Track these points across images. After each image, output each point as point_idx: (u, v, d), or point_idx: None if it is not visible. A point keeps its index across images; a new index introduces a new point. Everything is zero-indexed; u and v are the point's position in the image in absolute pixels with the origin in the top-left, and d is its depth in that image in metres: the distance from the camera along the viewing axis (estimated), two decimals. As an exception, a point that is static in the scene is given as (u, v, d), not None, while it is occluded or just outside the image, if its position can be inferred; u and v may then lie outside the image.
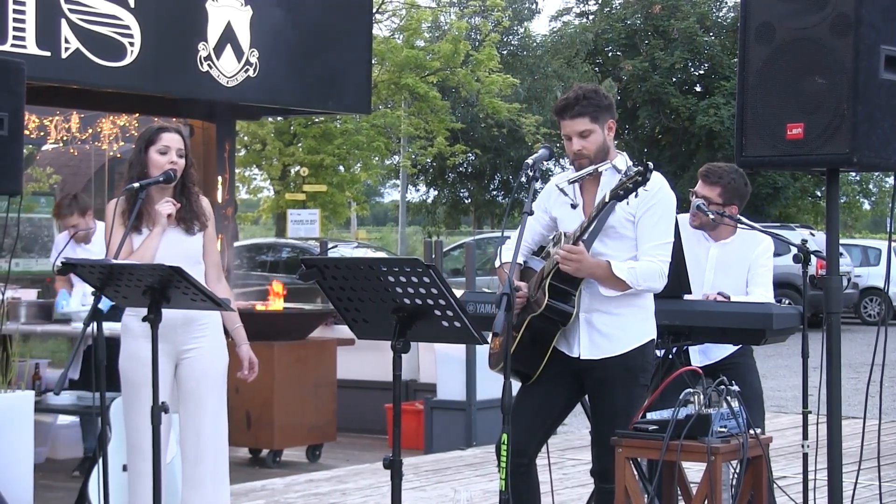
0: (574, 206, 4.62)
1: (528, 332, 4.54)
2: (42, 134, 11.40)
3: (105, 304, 4.55)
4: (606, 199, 4.42)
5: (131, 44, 8.31)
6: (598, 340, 4.54)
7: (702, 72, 37.02)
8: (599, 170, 4.56)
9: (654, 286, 4.54)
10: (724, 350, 5.46)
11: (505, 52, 33.16)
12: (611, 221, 4.52)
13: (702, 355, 5.42)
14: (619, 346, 4.55)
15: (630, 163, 4.59)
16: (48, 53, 7.89)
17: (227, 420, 5.11)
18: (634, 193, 4.36)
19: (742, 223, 5.42)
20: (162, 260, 4.80)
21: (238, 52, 8.93)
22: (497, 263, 4.71)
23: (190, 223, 5.02)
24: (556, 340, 4.55)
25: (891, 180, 31.07)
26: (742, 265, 5.43)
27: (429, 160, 29.66)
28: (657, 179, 4.51)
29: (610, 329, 4.55)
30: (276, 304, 9.20)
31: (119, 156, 11.96)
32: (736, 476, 4.38)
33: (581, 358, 4.55)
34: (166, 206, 4.93)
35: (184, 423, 5.04)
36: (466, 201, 39.50)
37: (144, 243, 4.92)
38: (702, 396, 4.27)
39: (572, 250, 4.41)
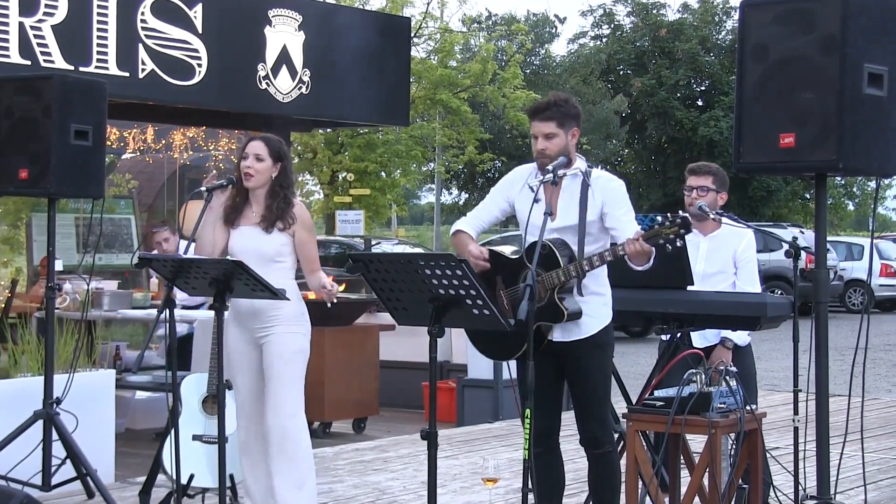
0: (537, 201, 4.43)
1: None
2: (122, 144, 11.47)
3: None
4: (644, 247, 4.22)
5: (199, 65, 8.34)
6: (568, 326, 4.45)
7: (703, 88, 36.84)
8: (566, 173, 4.43)
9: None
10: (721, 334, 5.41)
11: (528, 71, 33.09)
12: (589, 228, 4.42)
13: (702, 339, 5.38)
14: (585, 330, 4.46)
15: (587, 165, 4.50)
16: (127, 74, 7.94)
17: (297, 399, 4.88)
18: (679, 241, 4.20)
19: (739, 222, 5.38)
20: (236, 253, 4.80)
21: (292, 72, 8.95)
22: (452, 231, 4.60)
23: (270, 223, 4.87)
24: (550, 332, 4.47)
25: (873, 184, 30.85)
26: (727, 254, 5.40)
27: (460, 167, 29.62)
28: (601, 173, 4.47)
29: None
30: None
31: (188, 163, 12.01)
32: (734, 447, 4.35)
33: (555, 340, 4.47)
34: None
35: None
36: (494, 203, 39.44)
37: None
38: (703, 376, 4.24)
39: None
